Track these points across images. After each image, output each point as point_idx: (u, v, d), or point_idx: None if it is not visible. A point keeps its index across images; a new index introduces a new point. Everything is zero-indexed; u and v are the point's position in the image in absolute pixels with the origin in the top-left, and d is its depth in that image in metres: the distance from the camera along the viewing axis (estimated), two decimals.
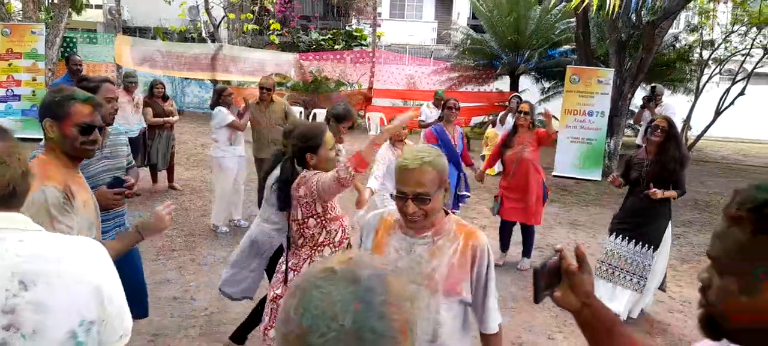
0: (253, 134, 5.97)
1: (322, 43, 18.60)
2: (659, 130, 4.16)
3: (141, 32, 21.26)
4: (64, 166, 2.09)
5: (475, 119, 15.56)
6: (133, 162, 3.20)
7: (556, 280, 1.19)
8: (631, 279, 4.29)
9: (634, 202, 4.31)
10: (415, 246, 1.87)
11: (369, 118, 14.40)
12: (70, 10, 13.94)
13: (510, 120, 8.44)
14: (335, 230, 2.76)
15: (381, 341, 0.73)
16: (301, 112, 13.29)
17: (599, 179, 10.02)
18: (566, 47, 15.01)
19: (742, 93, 12.66)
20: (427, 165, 1.75)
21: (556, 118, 5.21)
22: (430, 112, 8.16)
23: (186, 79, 15.41)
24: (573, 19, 12.09)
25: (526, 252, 5.46)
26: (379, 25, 18.18)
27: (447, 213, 1.95)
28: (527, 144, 5.19)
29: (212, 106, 5.97)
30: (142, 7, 21.61)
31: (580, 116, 10.14)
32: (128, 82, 6.96)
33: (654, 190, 4.10)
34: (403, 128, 4.50)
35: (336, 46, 18.24)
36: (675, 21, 12.28)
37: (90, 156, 2.18)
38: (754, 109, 16.12)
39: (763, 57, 12.74)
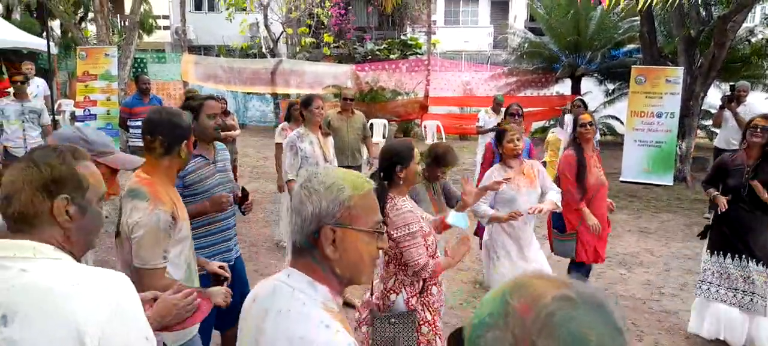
0: (336, 143, 5.52)
1: (378, 53, 18.72)
2: (759, 130, 3.68)
3: (205, 50, 22.19)
4: (169, 184, 2.19)
5: (536, 124, 15.16)
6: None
7: None
8: (754, 300, 3.74)
9: (738, 213, 3.75)
10: None
11: (425, 127, 14.35)
12: (140, 32, 14.67)
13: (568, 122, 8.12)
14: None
15: None
16: (385, 125, 13.36)
17: (671, 183, 9.50)
18: (631, 46, 14.39)
19: None
20: None
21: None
22: (488, 118, 7.96)
23: (248, 93, 15.89)
24: (637, 17, 11.59)
25: None
26: (434, 33, 18.11)
27: None
28: (599, 164, 4.25)
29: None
30: (206, 27, 22.55)
31: (647, 118, 9.66)
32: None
33: (756, 184, 3.59)
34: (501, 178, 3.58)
35: (391, 56, 18.31)
36: (750, 13, 11.52)
37: (220, 139, 2.89)
38: None
39: None
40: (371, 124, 12.72)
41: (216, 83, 14.11)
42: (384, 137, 12.74)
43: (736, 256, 3.79)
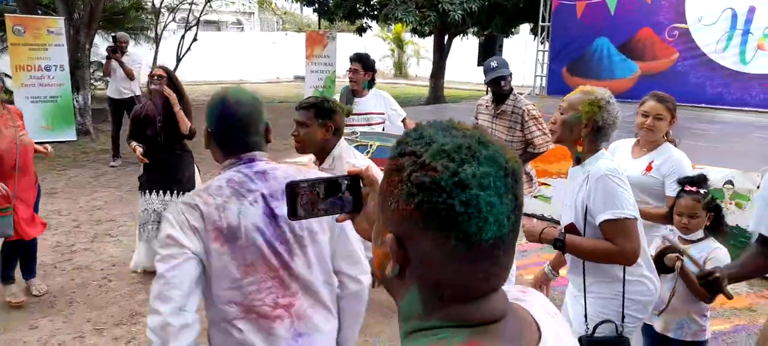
0: None
1: None
2: (157, 78, 4.18)
3: None
4: None
5: None
6: None
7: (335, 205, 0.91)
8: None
9: (161, 157, 4.23)
10: None
11: None
12: None
13: None
14: None
15: None
16: None
17: (74, 138, 9.36)
18: None
19: (195, 39, 13.98)
20: None
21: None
22: None
23: None
24: None
25: (33, 270, 4.12)
26: None
27: None
28: (16, 124, 3.75)
29: None
30: None
31: (36, 72, 9.03)
32: None
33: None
34: None
35: None
36: None
37: None
38: (209, 53, 18.17)
39: (205, 6, 14.33)
40: None
41: None
42: None
43: (164, 192, 4.25)
